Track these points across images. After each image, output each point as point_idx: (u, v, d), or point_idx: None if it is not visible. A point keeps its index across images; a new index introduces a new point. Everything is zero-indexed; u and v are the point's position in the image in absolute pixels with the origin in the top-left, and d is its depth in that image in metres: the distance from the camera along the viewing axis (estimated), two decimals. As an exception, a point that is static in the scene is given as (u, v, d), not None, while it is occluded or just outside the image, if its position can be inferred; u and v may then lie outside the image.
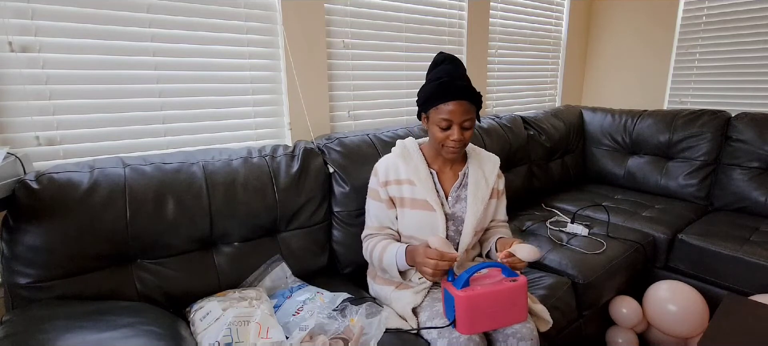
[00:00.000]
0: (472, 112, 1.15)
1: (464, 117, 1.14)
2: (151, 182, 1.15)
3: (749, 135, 2.02)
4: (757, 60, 2.27)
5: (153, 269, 1.15)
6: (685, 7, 2.48)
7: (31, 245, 0.99)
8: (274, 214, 1.34)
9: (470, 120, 1.16)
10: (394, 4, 1.90)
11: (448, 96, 1.13)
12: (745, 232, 1.77)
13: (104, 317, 0.91)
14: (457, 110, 1.13)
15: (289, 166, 1.38)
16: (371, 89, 1.90)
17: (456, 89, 1.13)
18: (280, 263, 1.32)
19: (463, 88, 1.14)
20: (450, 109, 1.13)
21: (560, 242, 1.70)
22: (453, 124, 1.14)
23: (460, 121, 1.14)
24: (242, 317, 1.00)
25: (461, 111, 1.13)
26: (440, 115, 1.15)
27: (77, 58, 1.24)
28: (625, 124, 2.41)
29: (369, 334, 1.02)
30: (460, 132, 1.15)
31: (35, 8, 1.16)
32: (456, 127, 1.14)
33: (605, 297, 1.59)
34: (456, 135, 1.14)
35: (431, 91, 1.16)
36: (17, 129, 1.19)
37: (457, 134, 1.14)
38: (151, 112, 1.38)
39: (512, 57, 2.52)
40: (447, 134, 1.16)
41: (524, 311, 1.07)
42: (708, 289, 1.70)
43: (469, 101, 1.14)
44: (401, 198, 1.24)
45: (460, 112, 1.13)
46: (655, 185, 2.26)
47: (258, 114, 1.61)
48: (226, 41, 1.48)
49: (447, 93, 1.13)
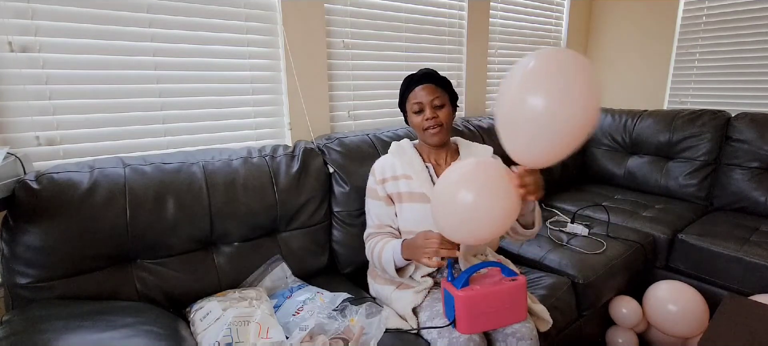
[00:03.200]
0: (439, 92, 1.23)
1: (432, 96, 1.22)
2: (151, 182, 1.15)
3: (749, 135, 2.02)
4: (757, 60, 2.27)
5: (153, 269, 1.15)
6: (685, 7, 2.48)
7: (31, 245, 0.99)
8: (274, 214, 1.34)
9: (439, 98, 1.23)
10: (394, 4, 1.90)
11: (413, 84, 1.26)
12: (745, 232, 1.77)
13: (104, 317, 0.91)
14: (424, 92, 1.23)
15: (289, 166, 1.38)
16: (371, 89, 1.90)
17: (419, 76, 1.26)
18: (280, 263, 1.32)
19: (426, 73, 1.26)
20: (417, 94, 1.24)
21: (560, 242, 1.70)
22: (424, 105, 1.23)
23: (429, 101, 1.22)
24: (242, 317, 1.00)
25: (427, 92, 1.23)
26: (411, 102, 1.25)
27: (77, 58, 1.24)
28: (625, 124, 2.41)
29: (369, 334, 1.02)
30: (432, 110, 1.22)
31: (35, 8, 1.16)
32: (427, 108, 1.23)
33: (605, 297, 1.59)
34: (428, 113, 1.22)
35: (402, 89, 1.30)
36: (17, 129, 1.19)
37: (430, 112, 1.22)
38: (151, 112, 1.38)
39: (512, 57, 2.52)
40: (422, 117, 1.24)
41: (524, 310, 1.07)
42: (708, 289, 1.69)
43: (434, 84, 1.24)
44: (399, 193, 1.25)
45: (426, 93, 1.22)
46: (655, 184, 2.26)
47: (258, 114, 1.61)
48: (226, 41, 1.48)
49: (412, 82, 1.26)
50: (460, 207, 0.94)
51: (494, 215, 0.94)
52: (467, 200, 0.93)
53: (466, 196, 0.93)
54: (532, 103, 0.82)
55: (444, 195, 0.98)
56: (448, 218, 0.97)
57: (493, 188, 0.94)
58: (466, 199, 0.93)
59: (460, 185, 0.96)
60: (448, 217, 0.97)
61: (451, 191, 0.97)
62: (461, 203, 0.94)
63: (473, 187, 0.94)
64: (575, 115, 0.81)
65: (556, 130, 0.82)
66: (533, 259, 1.61)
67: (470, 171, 0.98)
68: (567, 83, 0.81)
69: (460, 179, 0.98)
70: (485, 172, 0.97)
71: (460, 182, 0.97)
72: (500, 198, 0.94)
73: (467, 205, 0.93)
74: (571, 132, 0.83)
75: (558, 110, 0.80)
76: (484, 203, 0.93)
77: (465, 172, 0.98)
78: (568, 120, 0.81)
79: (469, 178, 0.97)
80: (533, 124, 0.83)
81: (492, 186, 0.94)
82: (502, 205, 0.94)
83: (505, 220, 0.95)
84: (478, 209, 0.93)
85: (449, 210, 0.96)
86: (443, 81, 1.26)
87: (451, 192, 0.97)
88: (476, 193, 0.93)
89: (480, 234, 0.96)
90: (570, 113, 0.81)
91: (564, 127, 0.82)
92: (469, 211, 0.93)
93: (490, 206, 0.93)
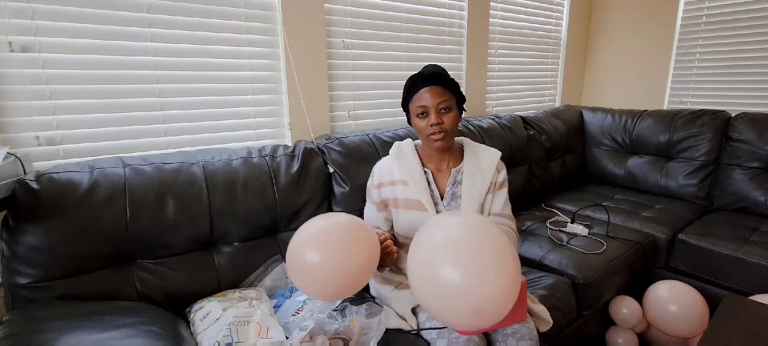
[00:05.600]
0: (446, 95, 1.16)
1: (438, 100, 1.15)
2: (151, 182, 1.15)
3: (749, 135, 2.02)
4: (757, 60, 2.27)
5: (153, 269, 1.15)
6: (685, 7, 2.48)
7: (31, 245, 0.99)
8: (274, 214, 1.34)
9: (446, 103, 1.16)
10: (394, 4, 1.90)
11: (419, 84, 1.17)
12: (745, 232, 1.77)
13: (104, 317, 0.91)
14: (429, 95, 1.15)
15: (289, 166, 1.38)
16: (371, 89, 1.90)
17: (425, 77, 1.17)
18: (280, 263, 1.32)
19: (433, 73, 1.17)
20: (422, 96, 1.16)
21: (560, 242, 1.70)
22: (428, 109, 1.16)
23: (435, 104, 1.15)
24: (242, 317, 1.00)
25: (433, 95, 1.15)
26: (416, 104, 1.18)
27: (77, 58, 1.24)
28: (625, 124, 2.41)
29: (369, 334, 1.02)
30: (437, 116, 1.15)
31: (35, 8, 1.16)
32: (433, 112, 1.15)
33: (605, 297, 1.59)
34: (433, 119, 1.15)
35: (406, 89, 1.22)
36: (17, 129, 1.19)
37: (435, 118, 1.15)
38: (151, 112, 1.38)
39: (512, 57, 2.52)
40: (426, 122, 1.17)
41: (524, 311, 1.07)
42: (708, 289, 1.70)
43: (441, 86, 1.16)
44: (395, 199, 1.25)
45: (433, 96, 1.15)
46: (655, 184, 2.26)
47: (258, 114, 1.61)
48: (226, 41, 1.48)
49: (417, 82, 1.18)
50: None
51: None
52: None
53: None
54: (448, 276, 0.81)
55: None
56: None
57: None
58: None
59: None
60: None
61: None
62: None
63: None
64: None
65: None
66: (533, 259, 1.61)
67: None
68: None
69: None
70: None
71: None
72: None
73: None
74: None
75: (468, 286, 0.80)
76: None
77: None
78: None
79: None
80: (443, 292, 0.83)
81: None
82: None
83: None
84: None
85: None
86: (451, 83, 1.19)
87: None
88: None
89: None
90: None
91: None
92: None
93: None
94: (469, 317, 0.81)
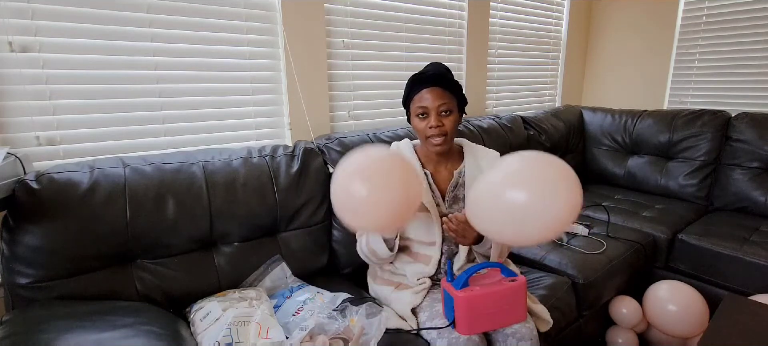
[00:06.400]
0: (447, 98, 1.14)
1: (439, 102, 1.13)
2: (151, 182, 1.15)
3: (749, 135, 2.02)
4: (757, 60, 2.27)
5: (153, 269, 1.15)
6: (685, 7, 2.48)
7: (31, 245, 0.99)
8: (274, 214, 1.34)
9: (446, 105, 1.14)
10: (394, 4, 1.90)
11: (421, 85, 1.16)
12: (745, 232, 1.77)
13: (104, 317, 0.91)
14: (431, 96, 1.14)
15: (289, 167, 1.38)
16: (371, 89, 1.90)
17: (427, 77, 1.15)
18: (280, 263, 1.32)
19: (435, 74, 1.15)
20: (423, 97, 1.15)
21: (560, 242, 1.70)
22: (429, 111, 1.15)
23: (436, 106, 1.13)
24: (242, 317, 1.00)
25: (434, 96, 1.13)
26: (416, 104, 1.17)
27: (77, 58, 1.24)
28: (625, 124, 2.41)
29: (369, 334, 1.02)
30: (437, 118, 1.14)
31: (35, 8, 1.16)
32: (433, 114, 1.14)
33: (605, 297, 1.59)
34: (433, 121, 1.14)
35: (408, 87, 1.20)
36: (17, 129, 1.19)
37: (434, 120, 1.14)
38: (151, 112, 1.38)
39: (512, 57, 2.52)
40: (426, 123, 1.16)
41: (524, 311, 1.07)
42: (708, 289, 1.70)
43: (442, 88, 1.14)
44: None
45: (434, 97, 1.13)
46: (655, 184, 2.26)
47: (258, 114, 1.61)
48: (226, 41, 1.48)
49: (419, 82, 1.16)
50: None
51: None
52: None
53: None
54: (515, 197, 0.83)
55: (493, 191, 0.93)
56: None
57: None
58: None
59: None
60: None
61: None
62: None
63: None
64: (555, 216, 0.81)
65: (531, 225, 0.83)
66: (533, 259, 1.61)
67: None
68: (552, 188, 0.82)
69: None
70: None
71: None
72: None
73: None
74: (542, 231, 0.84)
75: (540, 210, 0.81)
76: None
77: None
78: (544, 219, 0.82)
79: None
80: (509, 215, 0.84)
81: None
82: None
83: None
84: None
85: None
86: (454, 85, 1.17)
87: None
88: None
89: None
90: (551, 214, 0.81)
91: (538, 224, 0.83)
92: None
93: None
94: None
